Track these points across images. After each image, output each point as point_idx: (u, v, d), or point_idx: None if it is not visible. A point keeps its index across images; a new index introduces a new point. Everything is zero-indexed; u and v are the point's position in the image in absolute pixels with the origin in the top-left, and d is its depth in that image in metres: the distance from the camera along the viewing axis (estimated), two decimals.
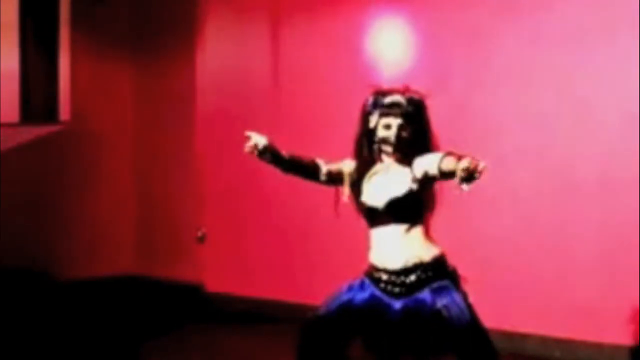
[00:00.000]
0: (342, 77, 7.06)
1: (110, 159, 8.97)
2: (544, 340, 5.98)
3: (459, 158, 3.18)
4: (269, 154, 3.56)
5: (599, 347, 5.75)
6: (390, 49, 6.85)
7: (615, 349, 5.68)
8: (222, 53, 8.06)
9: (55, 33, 8.83)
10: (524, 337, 6.05)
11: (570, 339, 5.87)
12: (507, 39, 6.21)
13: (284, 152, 3.62)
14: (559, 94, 5.96)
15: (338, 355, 3.53)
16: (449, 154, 3.32)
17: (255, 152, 3.55)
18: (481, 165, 3.05)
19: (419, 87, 3.66)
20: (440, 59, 6.53)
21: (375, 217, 3.52)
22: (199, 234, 8.14)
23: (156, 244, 8.82)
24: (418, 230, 3.51)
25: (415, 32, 6.72)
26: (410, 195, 3.47)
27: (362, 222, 3.61)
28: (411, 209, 3.50)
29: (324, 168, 3.67)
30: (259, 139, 3.56)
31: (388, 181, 3.52)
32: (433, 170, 3.35)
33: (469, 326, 3.39)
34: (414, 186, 3.46)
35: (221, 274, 7.98)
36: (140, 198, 9.03)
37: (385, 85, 3.67)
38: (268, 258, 7.56)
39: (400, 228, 3.49)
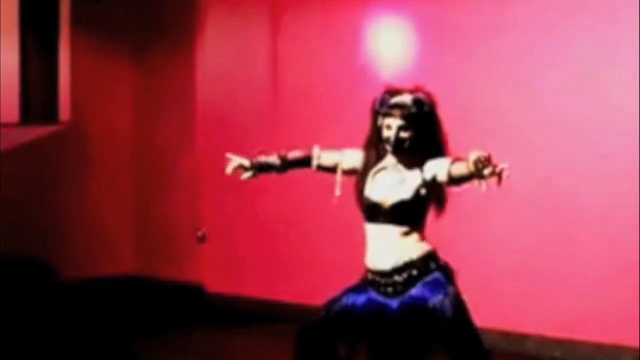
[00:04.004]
0: (342, 77, 7.05)
1: (110, 158, 8.95)
2: (544, 340, 5.98)
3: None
4: (257, 169, 3.71)
5: (599, 347, 5.74)
6: (391, 47, 6.84)
7: (616, 349, 5.68)
8: (222, 53, 8.05)
9: (55, 33, 8.81)
10: (524, 337, 6.04)
11: (571, 339, 5.87)
12: (507, 40, 6.22)
13: (273, 157, 3.72)
14: (566, 102, 5.96)
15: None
16: (457, 159, 3.33)
17: (244, 173, 3.71)
18: (500, 165, 3.10)
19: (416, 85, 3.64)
20: (440, 59, 6.52)
21: (375, 213, 3.50)
22: (199, 234, 8.14)
23: (156, 244, 8.81)
24: (414, 233, 3.50)
25: (416, 29, 6.71)
26: (416, 200, 3.47)
27: (362, 223, 3.60)
28: (414, 213, 3.49)
29: (316, 161, 3.70)
30: (241, 160, 3.70)
31: (395, 181, 3.50)
32: (442, 177, 3.37)
33: (460, 322, 3.39)
34: (423, 191, 3.46)
35: (221, 274, 7.97)
36: (140, 198, 9.01)
37: (397, 84, 3.63)
38: (268, 258, 7.56)
39: (398, 230, 3.48)
